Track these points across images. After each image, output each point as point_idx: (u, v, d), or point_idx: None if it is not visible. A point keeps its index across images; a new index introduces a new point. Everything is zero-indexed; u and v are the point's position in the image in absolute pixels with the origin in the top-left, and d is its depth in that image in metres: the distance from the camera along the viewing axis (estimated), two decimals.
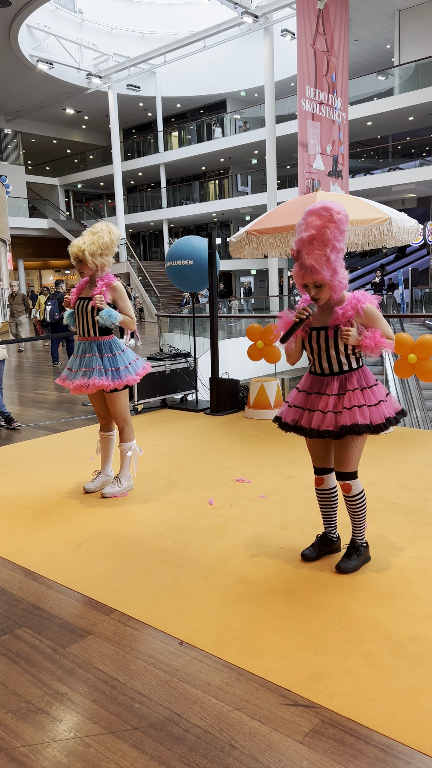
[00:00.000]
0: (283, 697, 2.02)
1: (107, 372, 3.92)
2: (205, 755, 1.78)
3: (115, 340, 4.06)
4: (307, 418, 2.75)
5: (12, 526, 3.59)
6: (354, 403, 2.67)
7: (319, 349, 2.72)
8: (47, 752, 1.82)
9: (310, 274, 2.56)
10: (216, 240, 6.40)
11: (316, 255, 2.53)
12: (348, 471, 2.78)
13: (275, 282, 20.36)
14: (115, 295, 3.93)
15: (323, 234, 2.53)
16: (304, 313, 2.64)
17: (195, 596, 2.69)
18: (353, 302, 2.64)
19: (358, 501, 2.82)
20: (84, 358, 3.98)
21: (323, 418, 2.69)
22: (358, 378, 2.73)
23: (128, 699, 2.04)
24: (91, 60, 23.73)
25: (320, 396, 2.75)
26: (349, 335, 2.60)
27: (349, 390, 2.70)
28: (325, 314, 2.72)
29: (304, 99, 10.30)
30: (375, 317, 2.66)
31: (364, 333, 2.65)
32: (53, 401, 7.73)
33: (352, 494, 2.80)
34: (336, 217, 2.54)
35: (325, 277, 2.56)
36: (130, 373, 4.00)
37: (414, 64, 19.99)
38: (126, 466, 4.09)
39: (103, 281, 3.92)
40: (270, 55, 18.63)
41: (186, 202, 28.17)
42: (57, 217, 29.62)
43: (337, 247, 2.55)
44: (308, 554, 2.98)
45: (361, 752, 1.77)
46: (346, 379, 2.73)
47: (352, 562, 2.84)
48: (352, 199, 5.82)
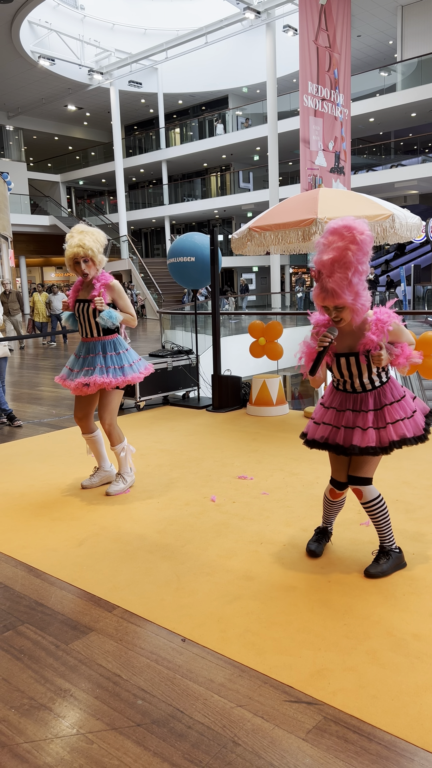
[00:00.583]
0: (285, 694, 2.02)
1: (109, 369, 3.89)
2: (207, 752, 1.78)
3: (119, 338, 4.04)
4: (344, 436, 2.71)
5: (14, 522, 3.59)
6: (396, 417, 2.66)
7: (351, 374, 2.68)
8: (50, 748, 1.82)
9: (331, 298, 2.48)
10: (218, 237, 6.39)
11: (337, 278, 2.44)
12: (363, 476, 2.73)
13: (277, 279, 20.34)
14: (113, 294, 3.90)
15: (345, 256, 2.43)
16: (327, 340, 2.56)
17: (197, 593, 2.69)
18: (380, 325, 2.57)
19: (374, 507, 2.75)
20: (87, 358, 3.95)
21: (363, 435, 2.65)
22: (391, 391, 2.71)
23: (131, 695, 2.05)
24: (92, 56, 23.70)
25: (357, 413, 2.71)
26: (381, 358, 2.56)
27: (386, 404, 2.68)
28: (349, 338, 2.65)
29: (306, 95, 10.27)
30: (400, 332, 2.62)
31: (393, 351, 2.62)
32: (55, 398, 7.73)
33: (366, 500, 2.74)
34: (359, 238, 2.43)
35: (347, 301, 2.47)
36: (134, 371, 3.99)
37: (417, 60, 19.93)
38: (123, 464, 4.07)
39: (100, 282, 3.87)
40: (272, 51, 18.59)
41: (188, 199, 28.14)
42: (59, 213, 29.60)
43: (359, 270, 2.46)
44: (315, 549, 2.99)
45: (365, 749, 1.77)
46: (380, 393, 2.70)
47: (380, 567, 2.78)
48: (355, 195, 5.81)
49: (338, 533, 3.24)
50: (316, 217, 5.20)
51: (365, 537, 3.18)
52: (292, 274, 29.27)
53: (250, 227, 5.79)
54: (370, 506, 2.75)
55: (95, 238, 3.82)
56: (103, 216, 29.86)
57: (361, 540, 3.15)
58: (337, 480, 2.88)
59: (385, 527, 2.80)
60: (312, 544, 3.03)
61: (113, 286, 3.89)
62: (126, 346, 4.07)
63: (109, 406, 3.96)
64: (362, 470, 2.73)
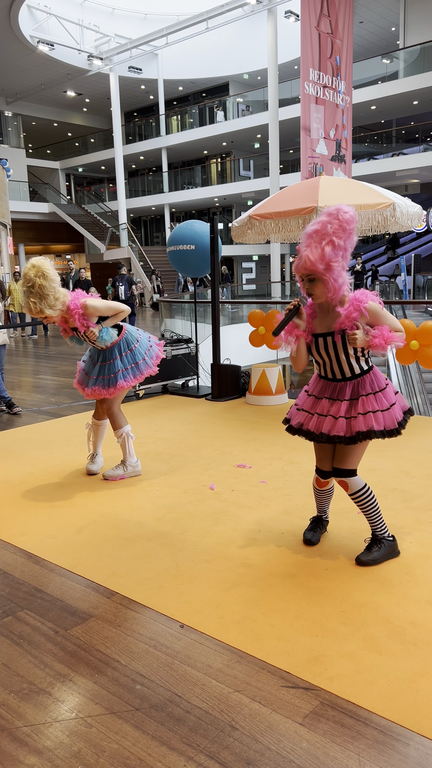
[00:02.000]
0: (283, 679, 2.04)
1: (128, 371, 3.96)
2: (205, 736, 1.80)
3: (128, 332, 4.06)
4: (316, 423, 2.72)
5: (13, 509, 3.60)
6: (368, 409, 2.65)
7: (328, 355, 2.68)
8: (49, 732, 1.84)
9: (303, 264, 2.51)
10: (218, 225, 6.36)
11: (312, 246, 2.49)
12: (346, 468, 2.74)
13: (277, 268, 20.27)
14: (92, 317, 3.83)
15: (324, 228, 2.49)
16: (294, 303, 2.62)
17: (196, 580, 2.70)
18: (355, 303, 2.58)
19: (361, 498, 2.76)
20: (104, 366, 3.99)
21: (334, 424, 2.67)
22: (371, 382, 2.71)
23: (129, 680, 2.06)
24: (92, 41, 23.45)
25: (332, 401, 2.72)
26: (356, 338, 2.55)
27: (362, 395, 2.68)
28: (327, 319, 2.67)
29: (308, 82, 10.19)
30: (380, 314, 2.60)
31: (371, 332, 2.59)
32: (54, 386, 7.73)
33: (352, 492, 2.75)
34: (342, 216, 2.50)
35: (317, 268, 2.48)
36: (149, 366, 4.06)
37: (419, 47, 19.75)
38: (126, 451, 4.10)
39: (73, 316, 3.75)
40: (273, 37, 18.40)
41: (188, 187, 27.98)
42: (58, 201, 29.44)
43: (335, 243, 2.47)
44: (311, 538, 3.01)
45: (361, 734, 1.79)
46: (358, 384, 2.70)
47: (372, 555, 2.79)
48: (356, 183, 5.78)
49: (336, 521, 3.26)
50: (316, 205, 5.18)
51: (363, 525, 3.20)
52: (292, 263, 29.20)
53: (250, 215, 5.77)
54: (357, 497, 2.76)
55: (39, 290, 3.54)
56: (102, 203, 29.70)
57: (358, 528, 3.17)
58: (321, 469, 2.89)
59: (375, 516, 2.81)
60: (308, 533, 3.05)
61: (86, 311, 3.76)
62: (137, 337, 4.08)
63: (114, 397, 4.04)
64: (346, 462, 2.74)
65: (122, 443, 4.08)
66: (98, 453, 4.29)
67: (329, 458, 2.85)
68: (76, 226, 27.18)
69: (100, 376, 3.98)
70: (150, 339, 4.20)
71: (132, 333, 4.08)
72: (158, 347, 4.20)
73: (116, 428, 4.06)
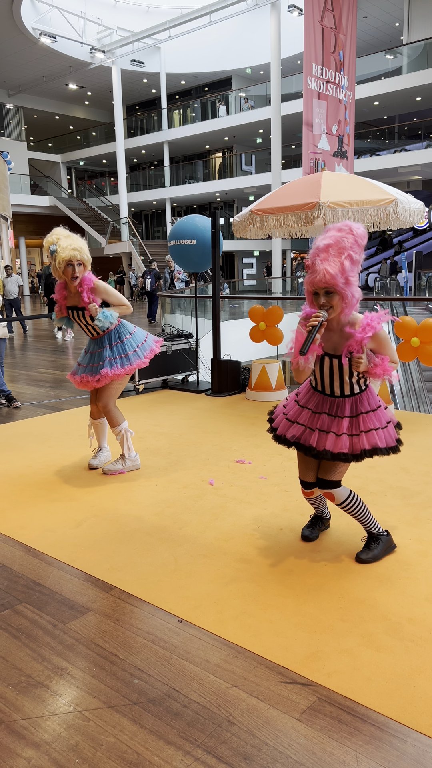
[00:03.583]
0: (281, 674, 2.04)
1: (116, 360, 3.95)
2: (203, 730, 1.80)
3: (122, 324, 4.06)
4: (318, 439, 2.70)
5: (12, 503, 3.60)
6: (370, 426, 2.66)
7: (332, 374, 2.67)
8: (47, 725, 1.84)
9: (322, 278, 2.47)
10: (219, 219, 6.34)
11: (331, 260, 2.47)
12: (332, 479, 2.74)
13: (278, 263, 20.24)
14: (100, 295, 3.90)
15: (340, 242, 2.48)
16: (318, 319, 2.52)
17: (194, 575, 2.70)
18: (368, 329, 2.56)
19: (349, 505, 2.76)
20: (95, 354, 4.00)
21: (337, 441, 2.66)
22: (368, 399, 2.71)
23: (127, 675, 2.06)
24: (94, 34, 23.35)
25: (332, 418, 2.70)
26: (361, 362, 2.55)
27: (362, 412, 2.68)
28: (333, 337, 2.64)
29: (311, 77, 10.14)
30: (385, 343, 2.60)
31: (373, 360, 2.59)
32: (54, 380, 7.73)
33: (339, 502, 2.75)
34: (356, 231, 2.52)
35: (338, 283, 2.47)
36: (139, 357, 4.03)
37: (423, 43, 19.67)
38: (125, 446, 4.09)
39: (83, 288, 3.84)
40: (276, 31, 18.32)
41: (189, 181, 27.90)
42: (59, 194, 29.37)
43: (352, 258, 2.49)
44: (309, 535, 3.01)
45: (358, 730, 1.79)
46: (357, 401, 2.70)
47: (372, 552, 2.80)
48: (358, 179, 5.76)
49: (334, 518, 3.26)
50: (318, 200, 5.16)
51: None
52: (293, 258, 29.14)
53: (252, 210, 5.75)
54: (345, 506, 2.76)
55: (84, 243, 3.87)
56: (103, 197, 29.64)
57: (357, 525, 3.17)
58: (305, 480, 2.87)
59: (367, 519, 2.81)
60: (306, 529, 3.05)
61: (97, 287, 3.87)
62: (130, 330, 4.08)
63: (108, 389, 4.02)
64: (331, 474, 2.74)
65: (121, 440, 4.07)
66: (104, 447, 4.27)
67: (314, 470, 2.84)
68: (77, 219, 27.12)
69: (89, 364, 4.00)
70: (147, 336, 4.19)
71: (126, 326, 4.09)
72: (155, 343, 4.19)
73: (113, 426, 4.04)
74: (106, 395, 4.01)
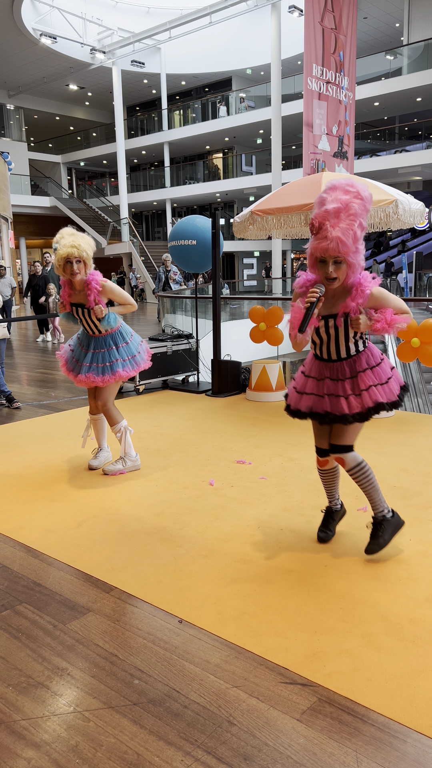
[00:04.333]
0: (281, 675, 2.04)
1: (126, 361, 4.00)
2: (203, 731, 1.80)
3: (123, 327, 4.09)
4: (331, 404, 2.68)
5: (13, 503, 3.60)
6: (369, 383, 2.64)
7: (328, 336, 2.65)
8: (47, 725, 1.84)
9: (335, 247, 2.39)
10: (220, 220, 6.34)
11: (344, 226, 2.39)
12: (344, 444, 2.72)
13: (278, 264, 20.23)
14: (107, 295, 3.92)
15: (351, 207, 2.40)
16: (315, 294, 2.50)
17: (194, 575, 2.70)
18: (360, 288, 2.53)
19: (359, 473, 2.74)
20: (97, 353, 3.99)
21: (348, 403, 2.64)
22: (367, 358, 2.69)
23: (127, 675, 2.06)
24: (95, 35, 23.36)
25: (336, 382, 2.69)
26: (360, 323, 2.52)
27: (359, 371, 2.66)
28: (330, 300, 2.61)
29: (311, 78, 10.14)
30: (384, 297, 2.56)
31: (373, 317, 2.56)
32: (55, 380, 7.73)
33: (349, 467, 2.73)
34: (363, 194, 2.44)
35: (350, 251, 2.41)
36: (143, 359, 4.10)
37: (423, 44, 19.68)
38: (124, 445, 4.09)
39: (91, 288, 3.85)
40: (277, 32, 18.33)
41: (190, 182, 27.91)
42: (59, 195, 29.37)
43: (362, 225, 2.43)
44: (324, 537, 2.99)
45: (358, 730, 1.79)
46: (354, 362, 2.68)
47: (379, 540, 2.77)
48: (358, 180, 5.76)
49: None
50: None
51: (362, 522, 3.20)
52: (294, 259, 29.14)
53: (252, 211, 5.75)
54: (355, 472, 2.74)
55: (87, 242, 3.88)
56: (104, 198, 29.64)
57: (358, 525, 3.17)
58: (320, 447, 2.87)
59: (374, 492, 2.79)
60: (321, 531, 3.01)
61: (104, 288, 3.88)
62: (130, 332, 4.13)
63: (108, 388, 4.04)
64: (343, 438, 2.72)
65: (120, 438, 4.08)
66: (104, 448, 4.28)
67: (327, 437, 2.83)
68: (77, 220, 27.13)
69: (93, 363, 3.97)
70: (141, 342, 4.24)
71: (126, 328, 4.13)
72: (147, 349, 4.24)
73: (113, 424, 4.06)
74: (106, 394, 4.03)
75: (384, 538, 2.78)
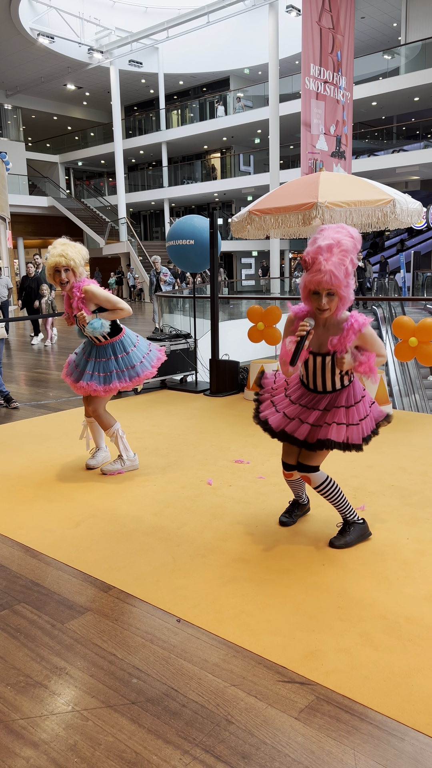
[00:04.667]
0: (279, 674, 2.05)
1: (124, 372, 3.95)
2: (201, 729, 1.81)
3: (126, 335, 4.04)
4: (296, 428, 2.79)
5: (11, 503, 3.60)
6: (334, 420, 2.73)
7: (315, 371, 2.77)
8: (45, 725, 1.85)
9: (329, 280, 2.50)
10: (218, 220, 6.35)
11: (335, 261, 2.49)
12: (310, 465, 2.85)
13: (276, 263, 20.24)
14: (93, 301, 3.84)
15: (342, 243, 2.51)
16: (306, 328, 2.62)
17: (193, 574, 2.71)
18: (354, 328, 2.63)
19: (325, 490, 2.87)
20: (99, 362, 3.97)
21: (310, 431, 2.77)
22: (347, 395, 2.79)
23: (126, 674, 2.07)
24: (92, 34, 23.35)
25: (307, 409, 2.80)
26: (344, 362, 2.62)
27: (335, 407, 2.76)
28: (320, 335, 2.71)
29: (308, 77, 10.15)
30: (371, 339, 2.68)
31: (358, 358, 2.65)
32: (53, 380, 7.73)
33: (315, 485, 2.86)
34: (354, 234, 2.57)
35: (342, 284, 2.52)
36: (147, 368, 4.04)
37: (421, 44, 19.70)
38: (121, 447, 4.09)
39: (73, 295, 3.83)
40: (275, 31, 18.34)
41: (188, 182, 27.91)
42: (57, 195, 29.35)
43: (353, 261, 2.55)
44: (285, 520, 3.17)
45: (356, 728, 1.80)
46: (335, 397, 2.79)
47: (344, 539, 2.92)
48: (356, 179, 5.76)
49: (331, 517, 3.26)
50: (316, 200, 5.17)
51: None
52: (291, 258, 29.15)
53: (250, 210, 5.75)
54: (321, 490, 2.87)
55: (77, 251, 3.84)
56: (101, 198, 29.62)
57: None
58: (286, 462, 2.99)
59: (342, 504, 2.92)
60: (284, 516, 3.20)
61: (87, 293, 3.81)
62: (134, 341, 4.06)
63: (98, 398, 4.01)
64: (310, 460, 2.85)
65: (116, 441, 4.08)
66: (102, 448, 4.27)
67: (295, 454, 2.96)
68: (75, 220, 27.12)
69: (95, 372, 3.95)
70: (151, 345, 4.19)
71: (130, 336, 4.07)
72: (159, 352, 4.20)
73: (106, 429, 4.05)
74: (97, 401, 4.01)
75: (351, 536, 2.93)
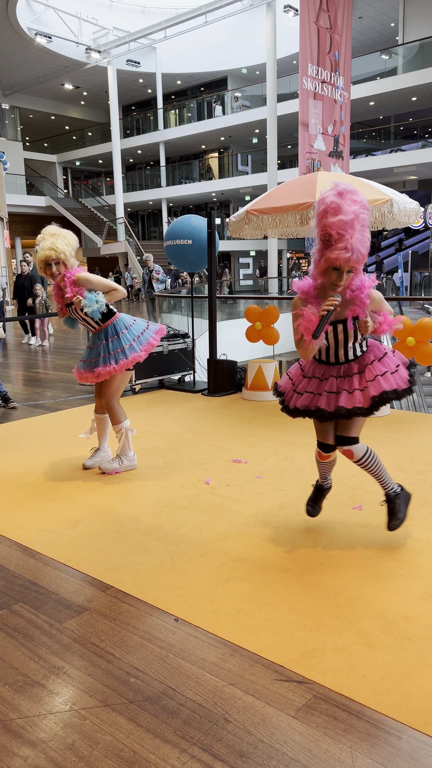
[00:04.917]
0: (276, 673, 2.05)
1: (110, 356, 3.91)
2: (199, 728, 1.81)
3: (120, 318, 4.02)
4: (327, 401, 2.71)
5: (9, 503, 3.60)
6: (376, 373, 2.69)
7: (336, 341, 2.70)
8: (43, 724, 1.85)
9: (357, 258, 2.45)
10: (215, 220, 6.35)
11: (359, 237, 2.44)
12: (351, 436, 2.78)
13: (274, 263, 20.24)
14: (84, 286, 3.84)
15: (360, 217, 2.44)
16: (334, 302, 2.52)
17: (190, 574, 2.71)
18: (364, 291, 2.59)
19: (367, 461, 2.81)
20: (93, 349, 3.99)
21: (349, 397, 2.68)
22: (373, 353, 2.77)
23: (124, 673, 2.07)
24: (90, 34, 23.35)
25: (343, 378, 2.73)
26: (368, 325, 2.59)
27: (367, 364, 2.73)
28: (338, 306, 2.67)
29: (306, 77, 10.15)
30: (380, 300, 2.67)
31: (377, 320, 2.65)
32: (51, 380, 7.72)
33: (357, 458, 2.80)
34: (366, 204, 2.52)
35: (364, 261, 2.51)
36: (135, 350, 3.95)
37: (418, 43, 19.73)
38: (123, 445, 4.10)
39: (66, 284, 3.83)
40: (272, 31, 18.35)
41: (185, 181, 27.91)
42: (55, 194, 29.35)
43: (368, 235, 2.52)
44: (312, 511, 3.10)
45: (353, 727, 1.80)
46: (362, 359, 2.76)
47: (399, 515, 2.88)
48: (353, 179, 5.77)
49: (330, 517, 3.27)
50: (314, 200, 5.17)
51: (357, 520, 3.21)
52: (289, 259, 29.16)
53: (247, 210, 5.76)
54: (363, 462, 2.81)
55: (67, 241, 3.80)
56: (99, 197, 29.62)
57: (353, 523, 3.18)
58: (324, 443, 2.91)
59: (382, 475, 2.88)
60: (309, 505, 3.11)
61: (78, 281, 3.81)
62: (128, 324, 4.02)
63: (111, 386, 4.02)
64: (350, 430, 2.78)
65: (120, 437, 4.08)
66: (102, 448, 4.26)
67: (332, 432, 2.87)
68: (73, 220, 27.11)
69: (88, 359, 3.99)
70: (148, 325, 4.12)
71: (124, 320, 4.02)
72: (155, 333, 4.09)
73: (115, 423, 4.05)
74: (110, 392, 4.01)
75: (402, 512, 2.90)
